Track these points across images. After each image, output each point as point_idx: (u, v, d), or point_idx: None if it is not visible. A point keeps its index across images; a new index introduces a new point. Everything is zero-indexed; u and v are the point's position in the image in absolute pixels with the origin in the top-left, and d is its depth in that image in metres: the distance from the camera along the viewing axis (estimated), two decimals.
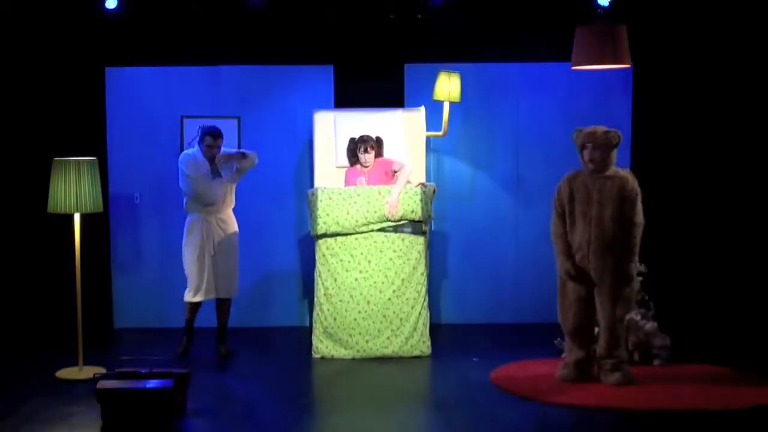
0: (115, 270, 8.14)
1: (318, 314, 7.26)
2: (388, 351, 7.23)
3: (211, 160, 7.10)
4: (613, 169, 6.41)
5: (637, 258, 6.40)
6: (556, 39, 7.73)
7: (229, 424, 5.80)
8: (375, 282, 7.24)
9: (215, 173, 7.10)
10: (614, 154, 6.41)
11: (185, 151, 7.27)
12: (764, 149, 8.20)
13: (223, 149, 7.14)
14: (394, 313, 7.24)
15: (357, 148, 7.47)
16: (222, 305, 7.29)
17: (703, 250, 8.29)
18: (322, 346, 7.24)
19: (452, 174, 8.24)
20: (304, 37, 8.07)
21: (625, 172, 6.44)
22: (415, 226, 7.27)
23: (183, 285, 7.23)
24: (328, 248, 7.26)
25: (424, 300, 7.29)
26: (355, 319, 7.23)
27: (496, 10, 8.03)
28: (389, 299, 7.25)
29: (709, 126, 8.25)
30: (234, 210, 7.37)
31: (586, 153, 6.41)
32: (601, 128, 6.42)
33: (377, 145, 7.51)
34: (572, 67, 7.17)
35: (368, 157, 7.43)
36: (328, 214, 7.20)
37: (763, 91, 8.13)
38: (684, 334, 7.51)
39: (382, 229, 7.26)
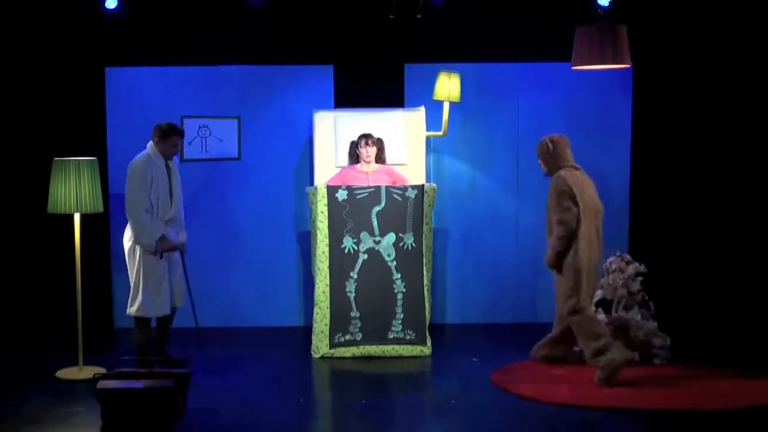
0: (115, 270, 8.14)
1: (318, 314, 7.26)
2: (389, 350, 7.23)
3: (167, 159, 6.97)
4: (557, 173, 6.72)
5: (562, 252, 6.57)
6: (556, 39, 7.73)
7: (229, 424, 5.80)
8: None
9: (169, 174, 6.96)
10: (550, 160, 6.74)
11: (139, 160, 6.88)
12: (764, 149, 8.20)
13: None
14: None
15: (358, 143, 7.47)
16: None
17: (703, 250, 8.29)
18: (322, 345, 7.24)
19: (452, 174, 8.24)
20: (304, 37, 8.07)
21: (556, 174, 6.69)
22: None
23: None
24: (327, 246, 7.26)
25: (425, 300, 7.29)
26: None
27: (495, 10, 8.03)
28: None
29: (709, 126, 8.26)
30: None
31: None
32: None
33: (378, 145, 7.51)
34: (572, 67, 7.17)
35: (369, 151, 7.42)
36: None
37: (763, 91, 8.14)
38: (684, 334, 7.51)
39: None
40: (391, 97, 8.08)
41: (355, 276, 7.26)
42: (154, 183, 6.82)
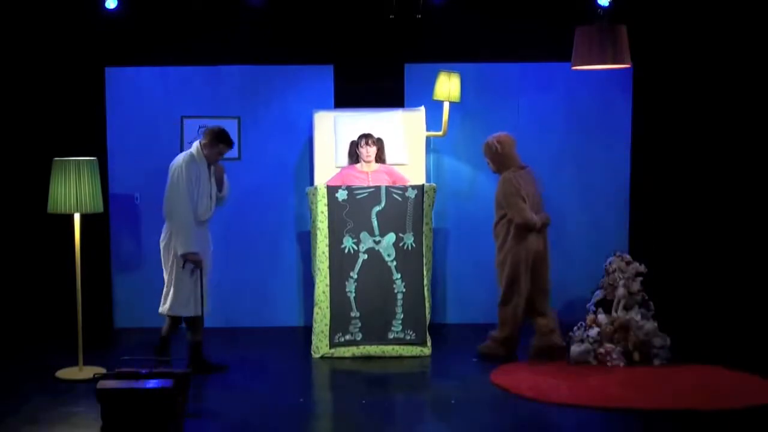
0: (115, 270, 8.15)
1: (318, 314, 7.26)
2: (389, 350, 7.23)
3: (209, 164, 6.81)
4: (503, 174, 7.11)
5: (507, 247, 7.12)
6: (556, 39, 7.73)
7: (230, 424, 5.81)
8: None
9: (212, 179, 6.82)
10: (498, 159, 7.14)
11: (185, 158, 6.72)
12: (764, 149, 8.20)
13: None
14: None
15: (358, 143, 7.47)
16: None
17: (703, 250, 8.29)
18: (322, 345, 7.24)
19: (452, 174, 8.24)
20: (304, 37, 8.07)
21: (503, 176, 7.10)
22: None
23: None
24: (327, 247, 7.26)
25: (425, 300, 7.29)
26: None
27: (495, 10, 8.04)
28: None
29: (709, 126, 8.26)
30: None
31: None
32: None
33: (378, 145, 7.51)
34: (572, 67, 7.17)
35: (369, 151, 7.42)
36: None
37: (763, 91, 8.14)
38: (684, 334, 7.51)
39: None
40: (391, 97, 8.09)
41: (355, 276, 7.26)
42: (198, 184, 6.65)
